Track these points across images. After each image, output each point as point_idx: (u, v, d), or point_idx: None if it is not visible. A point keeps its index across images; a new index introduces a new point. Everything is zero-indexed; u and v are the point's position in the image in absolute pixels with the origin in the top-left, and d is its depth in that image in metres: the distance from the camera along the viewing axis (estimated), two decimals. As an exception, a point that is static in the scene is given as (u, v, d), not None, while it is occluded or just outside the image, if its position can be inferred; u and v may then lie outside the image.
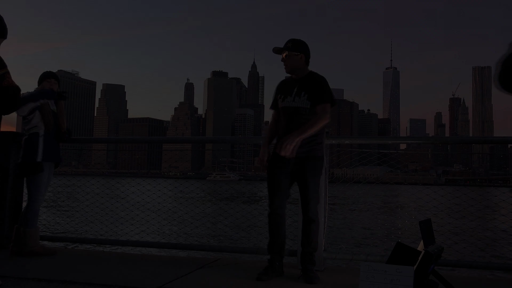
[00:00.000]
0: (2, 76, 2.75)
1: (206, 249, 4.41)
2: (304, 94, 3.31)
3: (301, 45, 3.37)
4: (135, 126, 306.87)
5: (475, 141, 4.25)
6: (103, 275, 3.28)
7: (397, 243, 2.81)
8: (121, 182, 6.70)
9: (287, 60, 3.37)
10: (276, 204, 3.34)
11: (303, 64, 3.39)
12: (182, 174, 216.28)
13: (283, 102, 3.38)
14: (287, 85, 3.44)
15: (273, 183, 3.37)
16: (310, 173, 3.32)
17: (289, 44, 3.36)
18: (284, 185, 3.36)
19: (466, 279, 3.56)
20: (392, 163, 10.79)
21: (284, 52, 3.36)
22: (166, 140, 4.88)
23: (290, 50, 3.34)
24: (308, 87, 3.33)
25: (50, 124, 4.06)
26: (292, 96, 3.34)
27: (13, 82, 2.80)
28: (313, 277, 3.20)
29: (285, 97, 3.38)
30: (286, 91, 3.40)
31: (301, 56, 3.36)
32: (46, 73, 4.27)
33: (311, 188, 3.32)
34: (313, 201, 3.32)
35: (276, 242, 3.35)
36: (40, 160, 3.97)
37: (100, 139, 4.94)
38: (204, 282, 3.12)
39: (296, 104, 3.31)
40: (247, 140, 4.50)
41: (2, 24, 2.94)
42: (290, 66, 3.37)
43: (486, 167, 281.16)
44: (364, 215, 23.88)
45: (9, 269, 3.37)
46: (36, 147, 3.97)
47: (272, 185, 3.38)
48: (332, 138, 3.92)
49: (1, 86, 2.73)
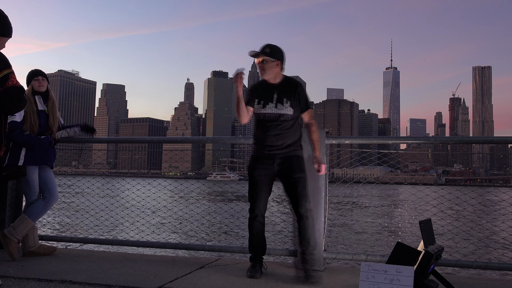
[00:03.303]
0: (7, 76, 2.75)
1: (206, 249, 4.40)
2: (287, 101, 3.35)
3: (278, 52, 3.37)
4: (135, 126, 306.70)
5: (475, 141, 4.25)
6: (103, 275, 3.28)
7: (397, 243, 2.81)
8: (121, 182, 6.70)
9: (263, 65, 3.36)
10: (260, 208, 3.38)
11: (279, 71, 3.41)
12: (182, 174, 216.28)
13: (264, 108, 3.37)
14: (264, 90, 3.42)
15: (257, 186, 3.39)
16: (297, 169, 3.35)
17: (267, 50, 3.34)
18: (268, 187, 3.41)
19: (466, 279, 3.55)
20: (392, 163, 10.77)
21: (261, 57, 3.35)
22: (166, 140, 4.88)
23: (267, 56, 3.33)
24: (288, 93, 3.37)
25: (33, 125, 3.88)
26: (274, 103, 3.35)
27: (18, 82, 2.80)
28: (313, 276, 3.20)
29: (265, 103, 3.37)
30: (265, 97, 3.39)
31: (277, 63, 3.37)
32: (33, 72, 4.08)
33: (299, 184, 3.34)
34: (303, 197, 3.33)
35: (260, 244, 3.44)
36: (22, 164, 3.85)
37: (100, 139, 4.92)
38: (204, 282, 3.12)
39: (279, 111, 3.34)
40: (247, 140, 4.49)
41: (6, 23, 2.94)
42: (267, 71, 3.37)
43: (486, 167, 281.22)
44: (364, 215, 23.87)
45: (9, 269, 3.37)
46: (18, 151, 3.85)
47: (255, 188, 3.39)
48: (332, 138, 3.92)
49: (6, 86, 2.73)
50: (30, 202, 3.97)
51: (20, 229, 3.81)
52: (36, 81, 4.02)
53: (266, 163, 3.37)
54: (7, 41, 2.97)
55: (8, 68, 2.78)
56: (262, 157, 3.39)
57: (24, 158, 3.86)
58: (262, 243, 3.46)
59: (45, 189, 4.04)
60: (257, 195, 3.38)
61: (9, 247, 3.74)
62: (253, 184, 3.40)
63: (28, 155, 3.88)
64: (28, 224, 3.86)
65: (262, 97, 3.40)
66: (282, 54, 3.40)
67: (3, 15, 2.95)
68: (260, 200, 3.38)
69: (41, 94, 4.04)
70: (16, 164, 3.85)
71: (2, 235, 3.77)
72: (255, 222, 3.40)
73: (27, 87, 4.02)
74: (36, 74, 4.06)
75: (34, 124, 3.88)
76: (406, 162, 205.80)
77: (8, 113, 2.90)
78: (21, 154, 3.86)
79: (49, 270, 3.39)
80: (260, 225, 3.41)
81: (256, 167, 3.41)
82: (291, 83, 3.42)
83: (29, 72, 4.10)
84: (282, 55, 3.40)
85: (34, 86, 4.02)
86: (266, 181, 3.39)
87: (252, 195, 3.40)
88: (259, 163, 3.40)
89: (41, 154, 3.98)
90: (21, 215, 3.89)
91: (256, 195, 3.39)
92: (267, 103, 3.37)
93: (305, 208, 3.32)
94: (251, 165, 3.45)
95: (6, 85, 2.73)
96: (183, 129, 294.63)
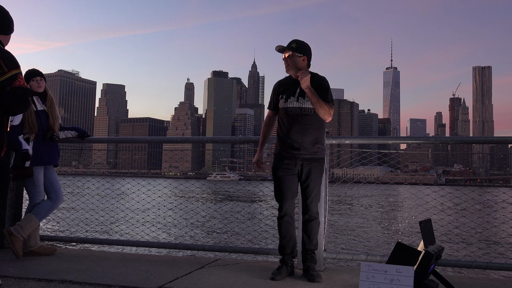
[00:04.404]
0: (15, 76, 2.76)
1: (206, 249, 4.40)
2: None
3: (305, 47, 3.36)
4: (135, 126, 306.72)
5: (475, 141, 4.26)
6: (103, 275, 3.28)
7: (397, 243, 2.82)
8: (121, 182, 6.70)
9: (289, 60, 3.36)
10: (287, 208, 3.36)
11: (305, 66, 3.39)
12: (182, 174, 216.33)
13: (286, 103, 3.36)
14: (288, 85, 3.42)
15: (282, 186, 3.36)
16: (316, 174, 3.35)
17: (293, 45, 3.34)
18: (293, 187, 3.37)
19: (466, 279, 3.55)
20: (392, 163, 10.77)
21: (288, 52, 3.35)
22: (166, 140, 4.88)
23: (294, 51, 3.33)
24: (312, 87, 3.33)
25: (32, 126, 3.87)
26: (296, 96, 3.33)
27: (25, 84, 2.81)
28: (316, 275, 3.20)
29: (288, 97, 3.36)
30: (288, 92, 3.38)
31: (303, 58, 3.36)
32: (30, 72, 4.03)
33: (315, 188, 3.34)
34: (315, 200, 3.35)
35: (288, 245, 3.38)
36: (28, 165, 3.87)
37: (100, 139, 4.93)
38: (204, 282, 3.12)
39: (300, 105, 3.31)
40: (247, 140, 4.50)
41: (8, 19, 2.94)
42: (292, 66, 3.36)
43: (486, 167, 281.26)
44: (364, 215, 23.88)
45: (9, 269, 3.37)
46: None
47: (281, 189, 3.36)
48: (332, 138, 3.92)
49: (13, 86, 2.74)
50: (35, 203, 3.98)
51: (27, 228, 3.83)
52: (35, 81, 3.99)
53: (289, 164, 3.34)
54: (9, 37, 2.98)
55: (17, 68, 2.80)
56: (285, 157, 3.36)
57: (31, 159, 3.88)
58: (290, 244, 3.39)
59: (51, 190, 4.07)
60: (283, 195, 3.35)
61: (15, 245, 3.72)
62: (278, 184, 3.37)
63: (34, 155, 3.89)
64: (35, 223, 3.89)
65: (285, 92, 3.39)
66: (309, 49, 3.39)
67: (3, 11, 2.95)
68: (286, 200, 3.35)
69: (39, 94, 4.03)
70: (23, 165, 3.86)
71: (8, 233, 3.75)
72: (283, 222, 3.37)
73: None
74: (34, 74, 4.01)
75: (32, 125, 3.87)
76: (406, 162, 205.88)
77: (11, 114, 2.90)
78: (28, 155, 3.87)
79: (49, 270, 3.39)
80: (288, 225, 3.37)
81: (279, 167, 3.38)
82: (316, 78, 3.37)
83: (26, 72, 4.02)
84: (309, 50, 3.38)
85: (33, 86, 3.98)
86: (290, 180, 3.35)
87: (278, 195, 3.38)
88: (283, 162, 3.37)
89: (46, 154, 4.01)
90: (28, 214, 3.89)
91: (281, 195, 3.36)
92: (289, 97, 3.36)
93: (315, 212, 3.36)
94: (275, 165, 3.42)
95: (13, 85, 2.73)
96: (183, 129, 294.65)
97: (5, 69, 2.73)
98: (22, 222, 3.84)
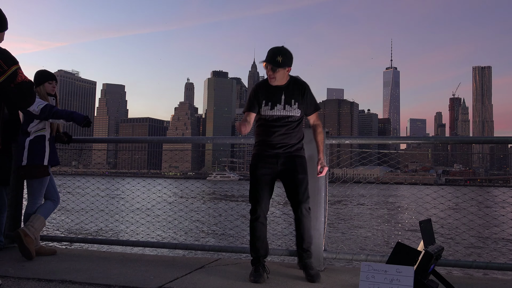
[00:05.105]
0: (15, 72, 2.77)
1: (206, 249, 4.40)
2: (295, 102, 3.31)
3: (289, 58, 3.27)
4: (135, 126, 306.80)
5: (475, 141, 4.25)
6: (103, 275, 3.28)
7: (397, 243, 2.81)
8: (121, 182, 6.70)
9: (274, 74, 3.27)
10: (263, 209, 3.31)
11: (287, 73, 3.36)
12: (182, 174, 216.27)
13: (272, 110, 3.31)
14: (270, 91, 3.34)
15: (261, 186, 3.32)
16: (301, 169, 3.33)
17: (279, 59, 3.22)
18: (271, 187, 3.36)
19: (466, 279, 3.55)
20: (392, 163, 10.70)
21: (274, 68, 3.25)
22: (166, 140, 4.88)
23: (280, 66, 3.24)
24: (296, 95, 3.33)
25: (55, 127, 4.08)
26: (282, 104, 3.30)
27: (26, 77, 2.82)
28: (315, 275, 3.18)
29: (274, 105, 3.31)
30: (272, 99, 3.32)
31: (288, 69, 3.32)
32: (48, 74, 4.15)
33: (302, 185, 3.31)
34: (305, 197, 3.31)
35: (262, 246, 3.36)
36: (46, 163, 3.96)
37: (100, 139, 4.93)
38: (204, 282, 3.12)
39: (287, 113, 3.30)
40: (247, 140, 4.49)
41: (1, 16, 2.94)
42: (278, 79, 3.30)
43: (486, 167, 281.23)
44: (364, 215, 23.87)
45: (9, 269, 3.37)
46: (43, 150, 3.94)
47: (259, 189, 3.32)
48: (332, 138, 3.92)
49: (16, 82, 2.75)
50: (37, 204, 3.98)
51: (39, 227, 3.86)
52: (50, 84, 4.13)
53: (270, 162, 3.32)
54: (3, 35, 2.98)
55: (15, 64, 2.80)
56: (265, 156, 3.34)
57: (48, 158, 3.96)
58: (264, 246, 3.39)
59: (53, 191, 4.11)
60: (260, 195, 3.31)
61: (30, 246, 3.72)
62: (256, 183, 3.33)
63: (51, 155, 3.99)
64: (43, 223, 3.92)
65: (270, 99, 3.33)
66: (292, 58, 3.31)
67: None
68: (263, 201, 3.31)
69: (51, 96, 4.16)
70: (42, 163, 3.92)
71: (23, 234, 3.72)
72: (258, 224, 3.32)
73: (39, 87, 4.07)
74: (52, 77, 4.15)
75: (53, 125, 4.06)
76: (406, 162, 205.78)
77: (19, 108, 2.93)
78: (46, 153, 3.95)
79: (49, 270, 3.38)
80: (262, 227, 3.34)
81: (259, 166, 3.34)
82: (299, 84, 3.36)
83: (43, 72, 4.14)
84: (292, 59, 3.31)
85: (48, 88, 4.10)
86: (269, 180, 3.33)
87: (255, 196, 3.32)
88: (263, 162, 3.34)
89: (55, 154, 4.08)
90: (35, 215, 3.89)
91: (259, 195, 3.31)
92: (275, 105, 3.30)
93: (306, 208, 3.31)
94: (254, 164, 3.38)
95: (16, 81, 2.74)
96: (183, 129, 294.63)
97: (5, 67, 2.73)
98: (33, 222, 3.84)
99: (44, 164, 3.93)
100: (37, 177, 3.93)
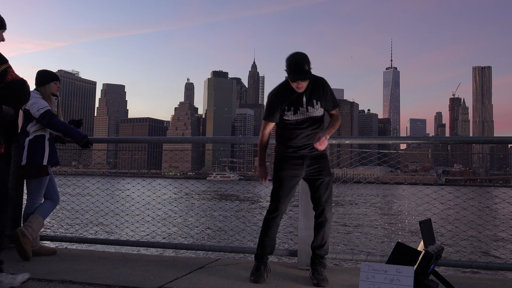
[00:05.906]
0: (5, 71, 2.74)
1: (206, 249, 4.40)
2: (316, 102, 3.23)
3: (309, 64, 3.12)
4: (135, 126, 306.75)
5: (475, 141, 4.25)
6: (103, 275, 3.28)
7: (397, 243, 2.81)
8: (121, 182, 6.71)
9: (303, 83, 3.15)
10: (282, 209, 3.29)
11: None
12: (182, 174, 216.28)
13: (295, 115, 3.24)
14: (291, 96, 3.23)
15: (284, 187, 3.27)
16: (327, 171, 3.30)
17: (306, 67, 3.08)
18: (294, 189, 3.32)
19: (466, 279, 3.55)
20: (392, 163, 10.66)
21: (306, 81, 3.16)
22: (166, 140, 4.88)
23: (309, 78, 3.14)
24: (317, 94, 3.23)
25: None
26: (304, 107, 3.22)
27: (17, 76, 2.79)
28: (322, 279, 3.15)
29: (296, 109, 3.23)
30: (294, 104, 3.23)
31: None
32: (54, 75, 4.13)
33: (328, 188, 3.26)
34: (328, 202, 3.26)
35: (270, 245, 3.36)
36: (46, 163, 3.96)
37: (100, 139, 4.92)
38: (204, 282, 3.12)
39: (310, 114, 3.24)
40: (247, 140, 4.50)
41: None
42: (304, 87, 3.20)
43: (486, 167, 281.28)
44: (364, 215, 23.87)
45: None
46: (43, 150, 3.94)
47: (283, 190, 3.27)
48: (332, 138, 3.91)
49: (6, 80, 2.72)
50: (36, 203, 3.98)
51: (37, 228, 3.85)
52: (56, 85, 4.12)
53: (295, 164, 3.27)
54: (2, 33, 2.96)
55: (5, 63, 2.77)
56: (290, 158, 3.28)
57: (48, 158, 3.96)
58: (272, 244, 3.38)
59: (53, 191, 4.11)
60: (281, 196, 3.27)
61: (27, 246, 3.72)
62: (281, 185, 3.28)
63: (50, 154, 3.99)
64: (41, 223, 3.92)
65: (292, 104, 3.23)
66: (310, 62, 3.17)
67: None
68: (284, 202, 3.28)
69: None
70: (41, 163, 3.91)
71: (21, 234, 3.71)
72: (273, 223, 3.31)
73: (43, 86, 4.04)
74: (57, 78, 4.15)
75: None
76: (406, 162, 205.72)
77: (14, 107, 2.90)
78: (45, 153, 3.94)
79: (49, 270, 3.39)
80: (276, 227, 3.33)
81: (285, 168, 3.29)
82: (318, 82, 3.25)
83: (48, 72, 4.13)
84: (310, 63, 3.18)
85: (53, 88, 4.10)
86: (293, 182, 3.29)
87: (277, 197, 3.28)
88: (288, 163, 3.29)
89: (55, 154, 4.08)
90: (33, 215, 3.89)
91: (280, 196, 3.27)
92: (297, 109, 3.23)
93: (330, 213, 3.28)
94: (279, 165, 3.32)
95: (6, 80, 2.72)
96: (183, 129, 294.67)
97: None
98: (31, 222, 3.83)
99: (43, 164, 3.93)
100: (36, 176, 3.93)
